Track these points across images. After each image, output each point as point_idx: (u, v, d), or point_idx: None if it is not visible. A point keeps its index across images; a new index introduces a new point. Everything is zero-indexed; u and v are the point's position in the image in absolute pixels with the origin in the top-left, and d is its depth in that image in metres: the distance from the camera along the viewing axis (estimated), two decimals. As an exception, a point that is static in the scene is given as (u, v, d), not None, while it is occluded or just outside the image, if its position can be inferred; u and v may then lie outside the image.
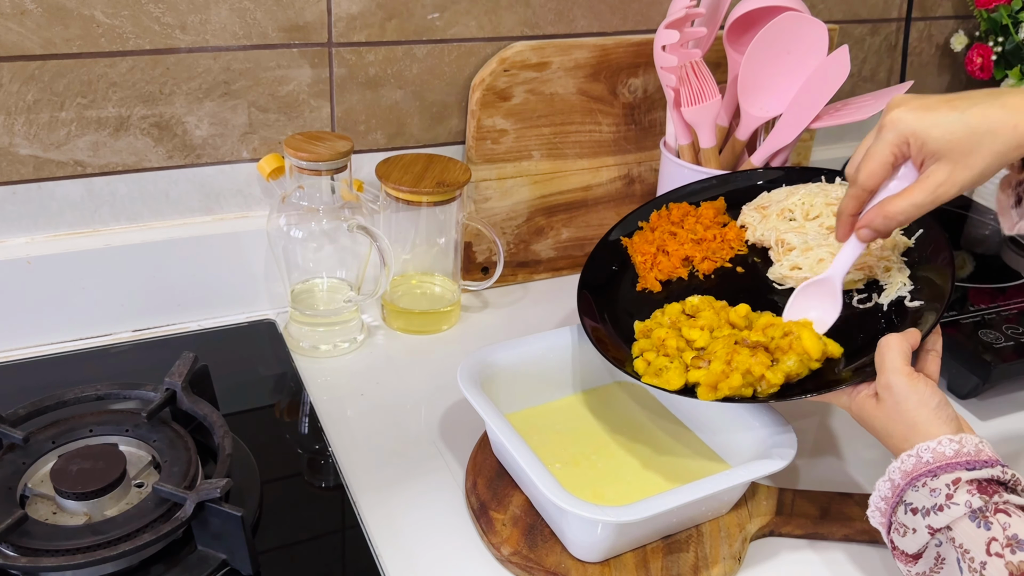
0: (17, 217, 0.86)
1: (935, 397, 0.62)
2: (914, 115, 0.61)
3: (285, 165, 0.89)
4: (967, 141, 0.59)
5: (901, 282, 0.74)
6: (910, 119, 0.61)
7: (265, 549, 0.68)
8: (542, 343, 0.81)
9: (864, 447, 0.84)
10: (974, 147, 0.59)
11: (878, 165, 0.63)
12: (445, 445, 0.81)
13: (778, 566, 0.71)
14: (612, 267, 0.84)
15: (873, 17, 1.19)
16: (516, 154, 1.01)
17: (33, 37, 0.79)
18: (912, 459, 0.60)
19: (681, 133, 0.95)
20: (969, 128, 0.59)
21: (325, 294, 0.94)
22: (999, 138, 0.59)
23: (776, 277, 0.79)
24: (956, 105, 0.60)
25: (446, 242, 0.95)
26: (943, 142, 0.60)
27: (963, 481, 0.57)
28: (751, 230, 0.83)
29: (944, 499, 0.57)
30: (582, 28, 1.01)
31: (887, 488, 0.61)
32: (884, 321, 0.73)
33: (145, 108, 0.86)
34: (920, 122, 0.60)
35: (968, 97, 0.60)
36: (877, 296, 0.74)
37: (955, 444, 0.59)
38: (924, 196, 0.62)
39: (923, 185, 0.62)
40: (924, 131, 0.60)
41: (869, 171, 0.64)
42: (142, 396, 0.76)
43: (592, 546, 0.66)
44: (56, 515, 0.66)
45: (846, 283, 0.74)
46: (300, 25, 0.88)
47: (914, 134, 0.61)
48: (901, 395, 0.62)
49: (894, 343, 0.64)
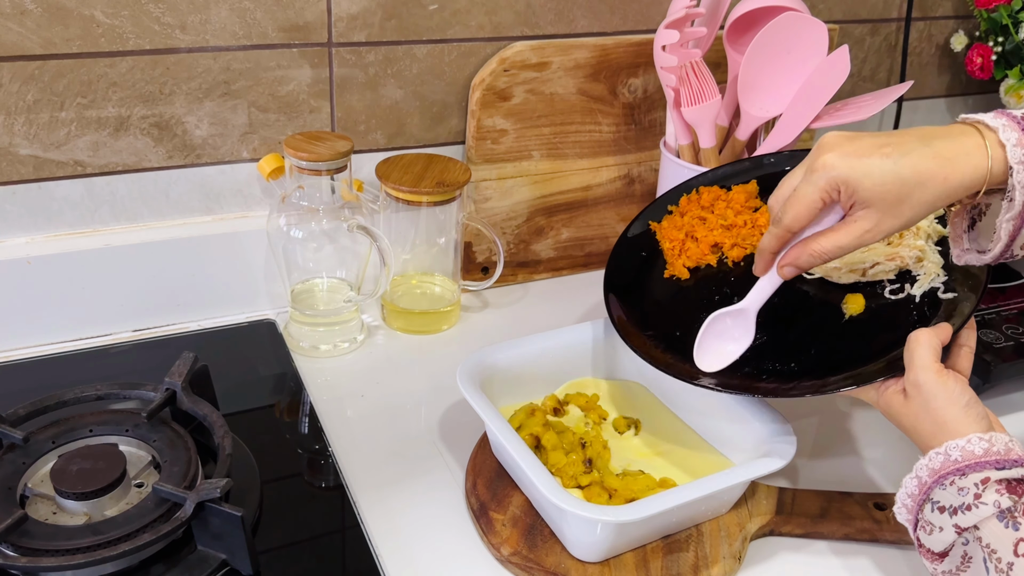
0: (17, 217, 0.86)
1: (965, 395, 0.61)
2: (846, 162, 0.60)
3: (285, 165, 0.89)
4: (897, 192, 0.59)
5: (935, 273, 0.72)
6: (843, 167, 0.60)
7: (265, 549, 0.68)
8: (542, 343, 0.81)
9: (864, 446, 0.84)
10: (904, 198, 0.59)
11: (805, 209, 0.62)
12: (445, 445, 0.81)
13: (778, 566, 0.71)
14: (642, 253, 0.83)
15: (873, 17, 1.19)
16: (516, 154, 1.01)
17: (33, 37, 0.79)
18: (940, 457, 0.59)
19: (681, 133, 0.95)
20: (900, 179, 0.59)
21: (325, 294, 0.94)
22: (928, 190, 0.59)
23: None
24: (888, 153, 0.59)
25: (446, 242, 0.95)
26: (873, 192, 0.59)
27: (992, 480, 0.57)
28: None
29: (972, 498, 0.57)
30: (582, 28, 1.01)
31: (914, 485, 0.61)
32: (916, 313, 0.71)
33: (145, 108, 0.86)
34: (852, 171, 0.60)
35: (900, 143, 0.60)
36: (910, 287, 0.73)
37: (984, 443, 0.58)
38: (850, 240, 0.62)
39: (850, 229, 0.62)
40: (856, 180, 0.60)
41: (795, 214, 0.63)
42: (142, 396, 0.76)
43: (592, 546, 0.66)
44: (56, 515, 0.66)
45: (875, 274, 0.73)
46: (300, 25, 0.88)
47: (845, 182, 0.60)
48: (930, 393, 0.61)
49: (924, 339, 0.63)
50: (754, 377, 0.71)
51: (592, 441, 0.75)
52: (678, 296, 0.79)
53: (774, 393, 0.69)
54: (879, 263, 0.73)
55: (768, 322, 0.73)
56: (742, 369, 0.71)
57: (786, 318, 0.74)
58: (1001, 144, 0.59)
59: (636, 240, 0.85)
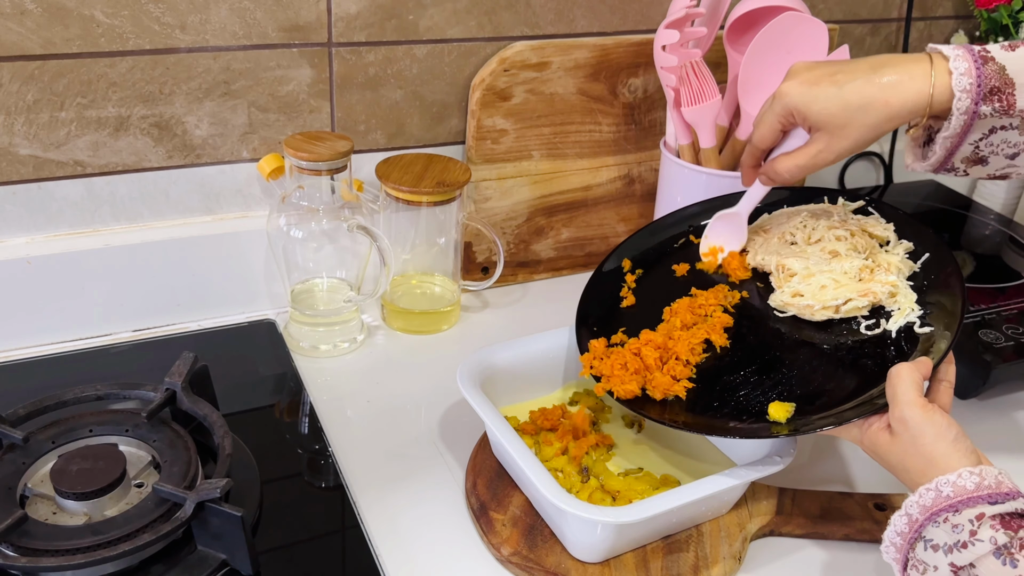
0: (17, 217, 0.86)
1: (952, 429, 0.60)
2: (799, 90, 0.67)
3: (285, 165, 0.89)
4: (841, 115, 0.66)
5: (909, 307, 0.72)
6: (795, 94, 0.68)
7: (265, 549, 0.68)
8: (542, 343, 0.81)
9: (864, 447, 0.84)
10: (848, 121, 0.66)
11: (767, 130, 0.71)
12: (445, 445, 0.81)
13: (778, 566, 0.71)
14: (609, 305, 0.82)
15: (873, 17, 1.19)
16: (516, 154, 1.01)
17: (33, 37, 0.79)
18: (931, 493, 0.58)
19: (681, 133, 0.95)
20: (844, 103, 0.65)
21: (325, 294, 0.94)
22: (871, 113, 0.65)
23: (777, 304, 0.76)
24: (837, 79, 0.66)
25: (446, 242, 0.95)
26: (821, 116, 0.67)
27: (987, 516, 0.55)
28: (752, 254, 0.82)
29: (968, 535, 0.55)
30: (582, 28, 1.01)
31: (904, 523, 0.59)
32: (894, 348, 0.70)
33: (145, 108, 0.86)
34: (802, 97, 0.67)
35: (852, 70, 0.66)
36: (885, 322, 0.72)
37: (975, 477, 0.57)
38: (805, 159, 0.69)
39: (805, 150, 0.69)
40: (805, 106, 0.67)
41: (760, 134, 0.72)
42: (142, 396, 0.76)
43: (592, 546, 0.66)
44: (56, 515, 0.66)
45: (848, 310, 0.73)
46: (300, 25, 0.88)
47: (796, 108, 0.68)
48: (917, 429, 0.60)
49: (906, 373, 0.63)
50: (732, 417, 0.69)
51: (589, 451, 0.75)
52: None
53: (755, 434, 0.67)
54: (852, 299, 0.73)
55: (743, 361, 0.73)
56: (721, 410, 0.70)
57: (761, 357, 0.73)
58: (949, 72, 0.64)
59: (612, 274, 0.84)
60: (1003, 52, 0.64)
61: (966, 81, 0.63)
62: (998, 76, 0.63)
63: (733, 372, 0.73)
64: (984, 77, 0.63)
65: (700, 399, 0.71)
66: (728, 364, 0.74)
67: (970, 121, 0.64)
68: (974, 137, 0.66)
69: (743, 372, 0.72)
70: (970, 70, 0.63)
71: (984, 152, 0.67)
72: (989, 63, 0.63)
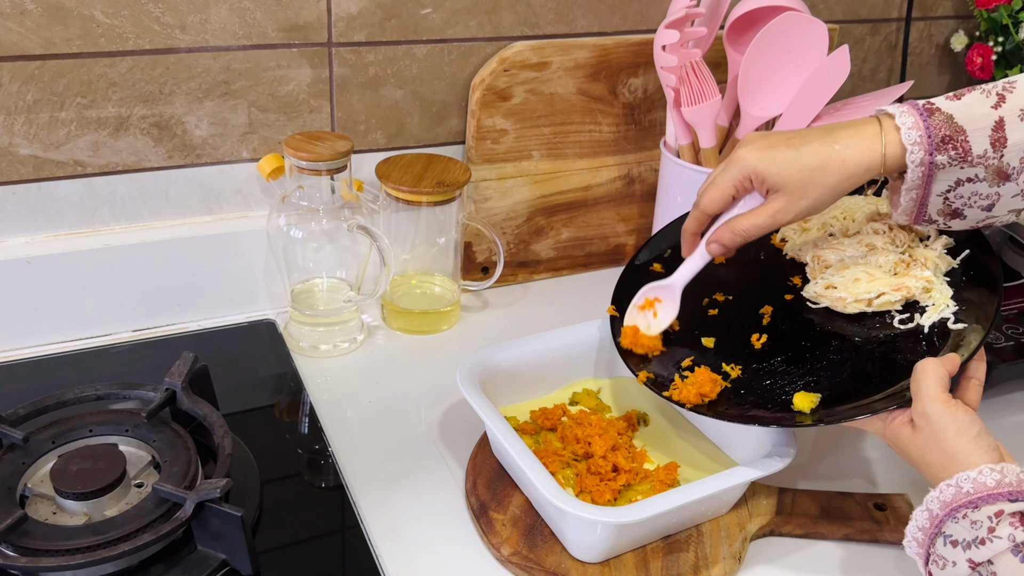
0: (17, 217, 0.86)
1: (975, 426, 0.60)
2: (757, 155, 0.68)
3: (285, 165, 0.89)
4: (800, 176, 0.67)
5: (944, 303, 0.72)
6: (753, 159, 0.68)
7: (265, 549, 0.68)
8: (542, 343, 0.81)
9: (864, 447, 0.84)
10: (807, 181, 0.67)
11: (719, 194, 0.71)
12: (445, 445, 0.81)
13: (778, 566, 0.71)
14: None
15: (873, 17, 1.19)
16: (516, 154, 1.00)
17: (33, 37, 0.79)
18: (952, 489, 0.58)
19: (681, 133, 0.95)
20: (802, 165, 0.67)
21: (325, 294, 0.94)
22: (828, 173, 0.66)
23: (811, 296, 0.77)
24: (793, 144, 0.67)
25: (446, 242, 0.95)
26: (780, 178, 0.67)
27: (1006, 513, 0.56)
28: (790, 244, 0.82)
29: (986, 532, 0.56)
30: (582, 28, 1.01)
31: (925, 518, 0.59)
32: (925, 343, 0.70)
33: (145, 108, 0.86)
34: (761, 162, 0.68)
35: (805, 136, 0.68)
36: (919, 316, 0.72)
37: (996, 474, 0.57)
38: (764, 219, 0.69)
39: (764, 209, 0.69)
40: (764, 169, 0.68)
41: (710, 198, 0.71)
42: (142, 396, 0.76)
43: (592, 546, 0.66)
44: (56, 515, 0.66)
45: (880, 304, 0.73)
46: (300, 25, 0.88)
47: (755, 171, 0.68)
48: (939, 424, 0.61)
49: (931, 369, 0.63)
50: (759, 406, 0.70)
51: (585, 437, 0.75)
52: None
53: (779, 422, 0.68)
54: (884, 293, 0.73)
55: (773, 350, 0.74)
56: (747, 397, 0.70)
57: (791, 347, 0.74)
58: (896, 128, 0.65)
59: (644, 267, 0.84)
60: (948, 102, 0.66)
61: (915, 134, 0.65)
62: (947, 125, 0.64)
63: (762, 360, 0.73)
64: (932, 128, 0.64)
65: (728, 385, 0.72)
66: (758, 352, 0.74)
67: (928, 172, 0.65)
68: (940, 188, 0.67)
69: (772, 361, 0.73)
70: (917, 123, 0.65)
71: (956, 204, 0.67)
72: (935, 114, 0.65)
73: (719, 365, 0.73)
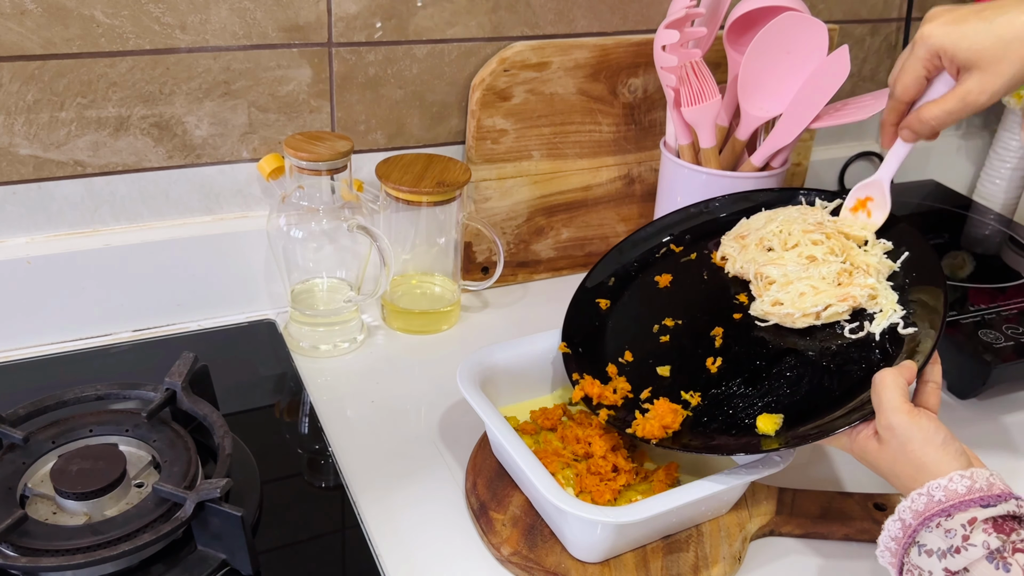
0: (17, 217, 0.86)
1: (940, 433, 0.60)
2: (943, 30, 0.63)
3: (285, 165, 0.89)
4: (994, 50, 0.62)
5: (892, 308, 0.72)
6: (939, 34, 0.63)
7: (265, 549, 0.68)
8: (542, 343, 0.81)
9: (864, 447, 0.84)
10: (1002, 55, 0.62)
11: (911, 79, 0.67)
12: (445, 445, 0.81)
13: (778, 566, 0.71)
14: (595, 323, 0.82)
15: (873, 17, 1.19)
16: (516, 154, 1.01)
17: (33, 37, 0.79)
18: (923, 498, 0.58)
19: (681, 133, 0.95)
20: (996, 37, 0.61)
21: (325, 294, 0.94)
22: None
23: (758, 313, 0.76)
24: (985, 15, 0.62)
25: (446, 242, 0.96)
26: (972, 53, 0.62)
27: (979, 520, 0.55)
28: (731, 262, 0.81)
29: (960, 540, 0.55)
30: (582, 28, 1.01)
31: (898, 528, 0.59)
32: (879, 351, 0.70)
33: (145, 108, 0.86)
34: (948, 36, 0.63)
35: (999, 6, 0.62)
36: (869, 324, 0.72)
37: (967, 480, 0.57)
38: (955, 103, 0.64)
39: (955, 93, 0.64)
40: (952, 45, 0.63)
41: (904, 85, 0.68)
42: (142, 396, 0.76)
43: (592, 546, 0.66)
44: (56, 515, 0.66)
45: (828, 316, 0.73)
46: (300, 25, 0.88)
47: (943, 49, 0.64)
48: (905, 435, 0.60)
49: (890, 380, 0.62)
50: (723, 432, 0.69)
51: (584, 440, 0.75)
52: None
53: (744, 449, 0.67)
54: (831, 304, 0.72)
55: (729, 372, 0.73)
56: (710, 425, 0.70)
57: (747, 367, 0.73)
58: None
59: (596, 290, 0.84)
60: None
61: None
62: None
63: (720, 384, 0.72)
64: None
65: (690, 414, 0.71)
66: (715, 376, 0.73)
67: None
68: None
69: (730, 384, 0.72)
70: None
71: None
72: None
73: (678, 394, 0.72)
